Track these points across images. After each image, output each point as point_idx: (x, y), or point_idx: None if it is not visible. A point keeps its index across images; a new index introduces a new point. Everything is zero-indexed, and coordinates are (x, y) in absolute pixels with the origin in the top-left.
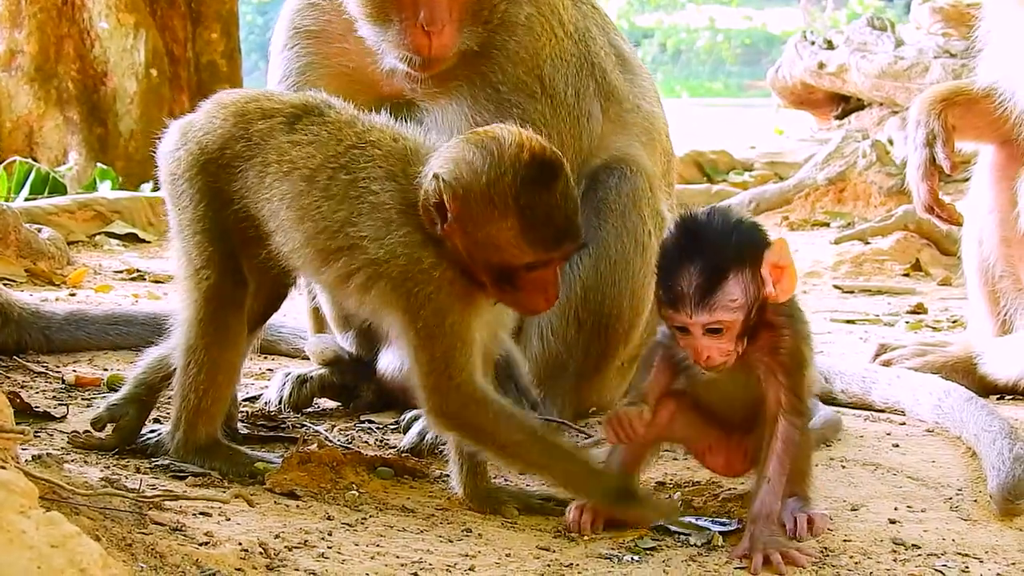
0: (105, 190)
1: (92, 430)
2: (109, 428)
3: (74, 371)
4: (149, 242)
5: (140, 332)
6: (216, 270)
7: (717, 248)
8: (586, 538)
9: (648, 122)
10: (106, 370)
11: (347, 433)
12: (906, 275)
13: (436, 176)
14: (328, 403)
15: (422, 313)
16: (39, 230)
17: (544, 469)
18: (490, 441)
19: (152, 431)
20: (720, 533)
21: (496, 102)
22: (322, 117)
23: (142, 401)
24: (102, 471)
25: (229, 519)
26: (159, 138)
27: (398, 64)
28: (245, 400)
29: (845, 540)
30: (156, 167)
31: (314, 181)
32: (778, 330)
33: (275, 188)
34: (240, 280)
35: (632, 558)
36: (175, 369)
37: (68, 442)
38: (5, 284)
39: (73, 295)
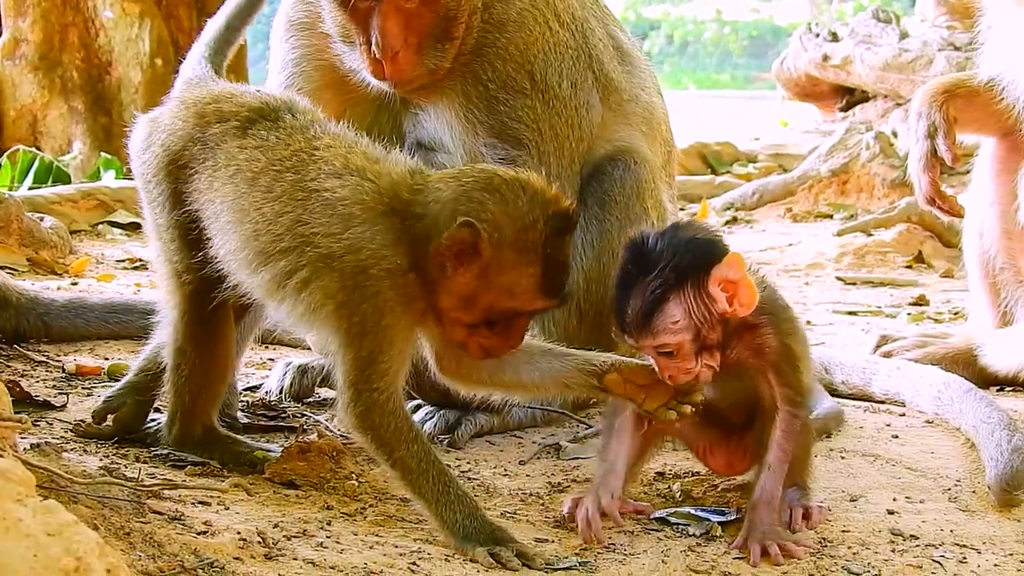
0: (109, 179)
1: (92, 421)
2: (110, 419)
3: (75, 360)
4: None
5: (139, 321)
6: (196, 273)
7: (658, 271)
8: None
9: (648, 112)
10: (107, 359)
11: None
12: (908, 267)
13: (468, 224)
14: (329, 393)
15: (362, 307)
16: (41, 219)
17: (424, 499)
18: (386, 454)
19: (152, 420)
20: (719, 523)
21: (486, 99)
22: (277, 123)
23: (141, 390)
24: (101, 460)
25: (228, 508)
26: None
27: (371, 80)
28: (246, 390)
29: (844, 530)
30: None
31: (256, 183)
32: (759, 331)
33: (219, 191)
34: (222, 278)
35: (631, 548)
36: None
37: (71, 431)
38: (7, 273)
39: (75, 284)
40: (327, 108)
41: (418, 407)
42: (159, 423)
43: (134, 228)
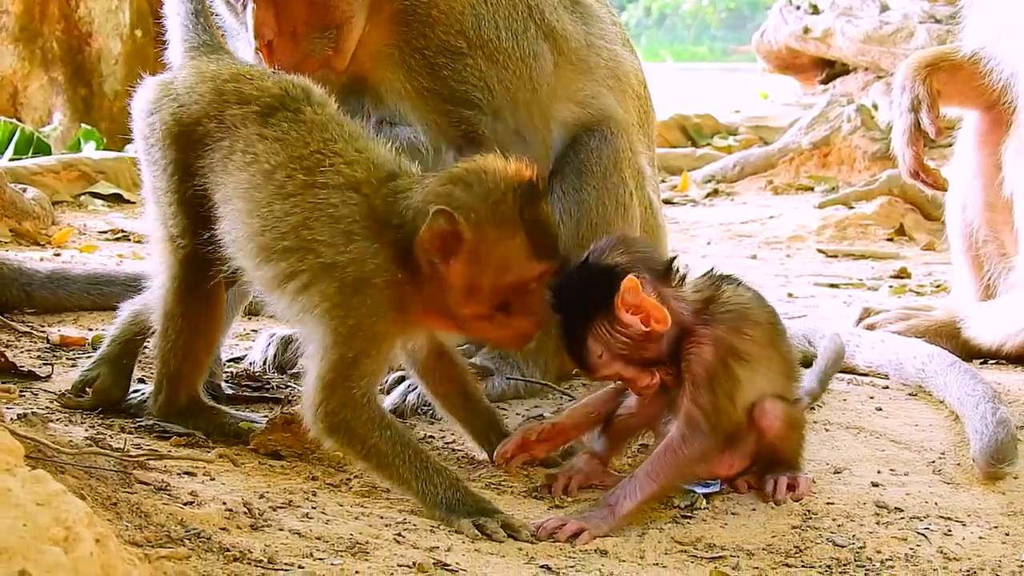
0: (89, 150)
1: (74, 396)
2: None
3: (59, 331)
4: (134, 203)
5: (121, 292)
6: (191, 238)
7: (570, 313)
8: (570, 500)
9: (614, 63)
10: (91, 330)
11: None
12: (890, 240)
13: (441, 211)
14: None
15: (358, 311)
16: (24, 190)
17: (403, 482)
18: (359, 444)
19: (136, 391)
20: (704, 495)
21: (427, 68)
22: (297, 115)
23: (116, 360)
24: (87, 431)
25: (214, 479)
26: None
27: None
28: (229, 360)
29: (828, 503)
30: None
31: (272, 177)
32: (696, 338)
33: (233, 175)
34: (216, 247)
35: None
36: (153, 330)
37: (56, 401)
38: None
39: (58, 255)
40: None
41: (401, 379)
42: (142, 393)
43: (116, 199)
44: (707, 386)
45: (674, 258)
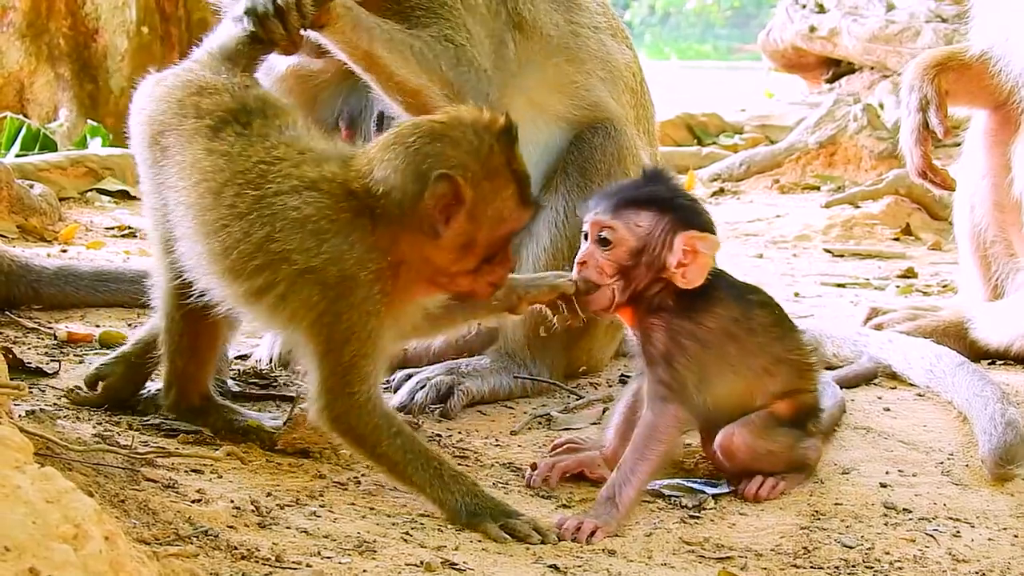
0: (96, 147)
1: (84, 387)
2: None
3: (66, 327)
4: (140, 199)
5: (129, 289)
6: (176, 246)
7: (661, 190)
8: (578, 499)
9: (603, 53)
10: (98, 326)
11: None
12: (896, 239)
13: (443, 176)
14: None
15: (345, 316)
16: (31, 186)
17: (417, 487)
18: (368, 450)
19: (144, 390)
20: (712, 495)
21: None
22: (245, 128)
23: (134, 362)
24: (95, 428)
25: (221, 477)
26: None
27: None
28: (236, 358)
29: (836, 503)
30: None
31: (220, 197)
32: (654, 319)
33: (183, 193)
34: None
35: (623, 519)
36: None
37: (65, 398)
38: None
39: (65, 251)
40: (296, 96)
41: (409, 376)
42: (151, 392)
43: (123, 196)
44: (664, 361)
45: None
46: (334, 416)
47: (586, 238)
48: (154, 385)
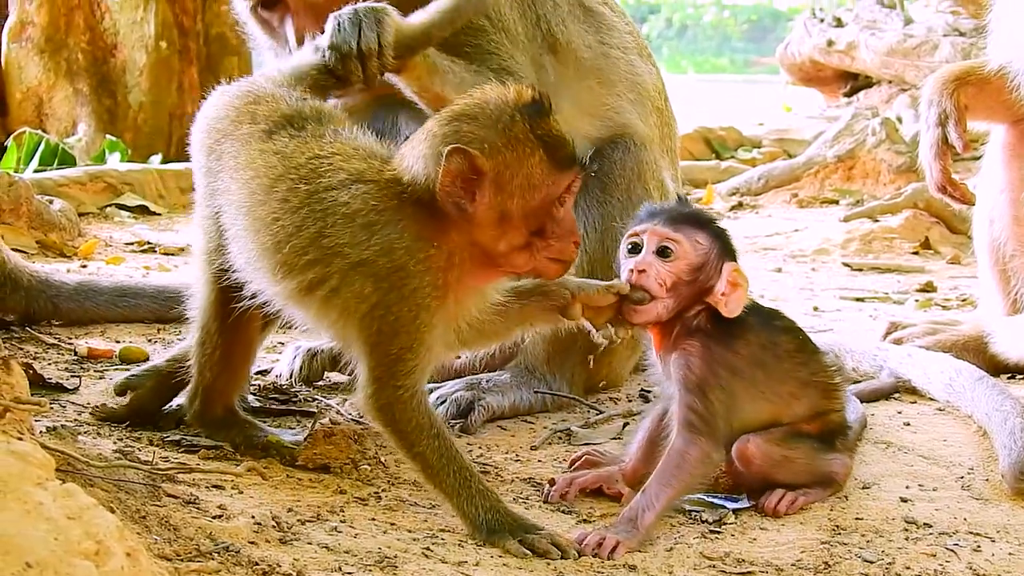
0: (114, 162)
1: (112, 394)
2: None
3: (86, 343)
4: (159, 214)
5: (148, 305)
6: (224, 254)
7: (708, 214)
8: (599, 515)
9: (632, 74)
10: (118, 342)
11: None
12: (915, 253)
13: (454, 149)
14: (338, 377)
15: (395, 308)
16: (50, 202)
17: (444, 493)
18: (407, 447)
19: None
20: (732, 510)
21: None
22: (300, 131)
23: (163, 375)
24: (115, 444)
25: (242, 492)
26: (168, 110)
27: None
28: (256, 373)
29: (857, 518)
30: (165, 139)
31: (272, 192)
32: (692, 342)
33: (236, 193)
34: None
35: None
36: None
37: (87, 413)
38: (19, 255)
39: (84, 267)
40: None
41: (429, 391)
42: (173, 407)
43: (142, 211)
44: (697, 390)
45: None
46: (379, 406)
47: (633, 250)
48: (177, 401)
